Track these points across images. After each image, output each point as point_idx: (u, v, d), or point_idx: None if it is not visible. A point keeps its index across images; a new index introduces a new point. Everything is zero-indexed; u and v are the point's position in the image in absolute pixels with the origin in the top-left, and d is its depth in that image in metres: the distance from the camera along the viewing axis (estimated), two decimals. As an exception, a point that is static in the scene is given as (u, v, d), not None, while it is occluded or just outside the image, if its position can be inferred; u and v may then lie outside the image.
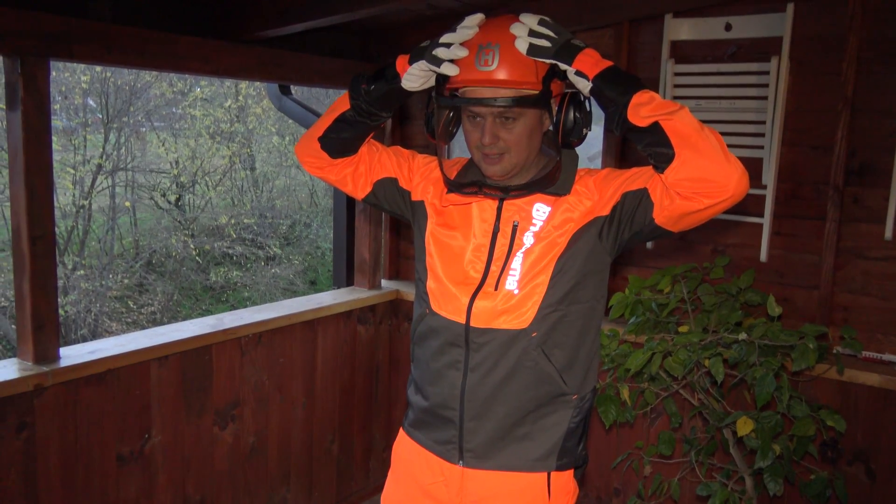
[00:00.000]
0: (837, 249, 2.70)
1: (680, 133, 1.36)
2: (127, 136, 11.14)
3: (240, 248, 11.76)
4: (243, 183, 12.99)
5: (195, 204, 12.29)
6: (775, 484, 2.28)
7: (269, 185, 13.21)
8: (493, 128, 1.50)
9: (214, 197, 12.40)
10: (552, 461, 1.61)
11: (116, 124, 10.60)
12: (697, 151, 1.35)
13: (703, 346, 2.37)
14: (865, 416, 2.62)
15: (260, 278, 11.64)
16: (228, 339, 2.90)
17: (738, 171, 1.35)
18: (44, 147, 2.32)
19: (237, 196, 12.89)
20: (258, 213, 12.43)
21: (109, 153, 10.67)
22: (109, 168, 10.71)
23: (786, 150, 2.77)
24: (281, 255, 12.14)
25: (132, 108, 10.83)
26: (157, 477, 2.71)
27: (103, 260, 10.56)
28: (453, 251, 1.62)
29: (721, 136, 1.38)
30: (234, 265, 11.85)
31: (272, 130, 12.76)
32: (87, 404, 2.47)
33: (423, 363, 1.69)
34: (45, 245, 2.35)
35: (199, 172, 12.08)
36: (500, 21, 1.49)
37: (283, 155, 13.09)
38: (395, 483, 1.79)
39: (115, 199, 10.99)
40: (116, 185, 11.03)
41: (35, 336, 2.35)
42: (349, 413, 3.54)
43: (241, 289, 11.62)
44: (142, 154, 11.81)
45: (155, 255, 11.27)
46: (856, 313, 2.70)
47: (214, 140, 11.98)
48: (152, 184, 11.70)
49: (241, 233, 11.95)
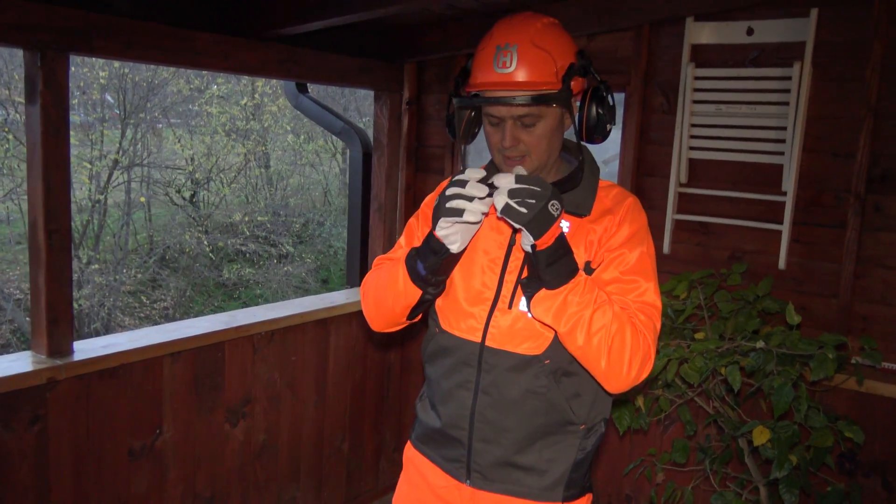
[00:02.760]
0: (858, 258, 2.66)
1: (565, 339, 1.44)
2: (143, 132, 11.22)
3: (253, 246, 11.80)
4: (258, 181, 13.05)
5: (210, 201, 12.35)
6: (791, 495, 2.25)
7: (283, 183, 13.25)
8: (513, 130, 1.48)
9: (229, 194, 12.46)
10: (559, 492, 1.59)
11: (133, 120, 10.67)
12: (577, 355, 1.46)
13: (720, 353, 2.34)
14: (883, 427, 2.58)
15: (272, 276, 11.67)
16: (241, 337, 2.90)
17: (621, 383, 1.45)
18: (61, 141, 2.32)
19: (251, 194, 12.94)
20: (272, 210, 12.47)
21: (126, 149, 10.75)
22: (125, 163, 10.78)
23: (806, 156, 2.73)
24: (294, 254, 12.18)
25: (149, 105, 10.90)
26: (167, 472, 2.71)
27: (118, 255, 10.63)
28: (467, 267, 1.59)
29: (626, 352, 1.41)
30: (246, 262, 11.90)
31: (287, 129, 12.80)
32: (100, 398, 2.47)
33: (434, 382, 1.67)
34: (61, 239, 2.35)
35: (214, 169, 12.13)
36: (517, 21, 1.47)
37: (298, 153, 13.14)
38: (408, 485, 1.78)
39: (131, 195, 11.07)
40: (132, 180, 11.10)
41: (49, 329, 2.35)
42: (360, 413, 3.53)
43: (253, 286, 11.67)
44: (158, 150, 11.87)
45: (169, 250, 11.33)
46: (875, 323, 2.66)
47: (230, 137, 12.04)
48: (167, 180, 11.77)
49: (254, 230, 12.00)
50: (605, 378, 1.45)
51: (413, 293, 1.54)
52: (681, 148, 2.92)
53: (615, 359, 1.41)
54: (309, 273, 12.02)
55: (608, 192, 1.58)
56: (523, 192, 1.33)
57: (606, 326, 1.40)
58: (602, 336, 1.40)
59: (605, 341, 1.40)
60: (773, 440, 2.23)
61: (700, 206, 2.97)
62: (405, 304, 1.57)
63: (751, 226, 2.85)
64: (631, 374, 1.43)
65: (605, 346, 1.40)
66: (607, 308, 1.41)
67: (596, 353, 1.40)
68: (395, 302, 1.59)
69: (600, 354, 1.40)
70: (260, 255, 11.89)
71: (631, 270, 1.49)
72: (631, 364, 1.42)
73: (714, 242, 2.95)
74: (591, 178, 1.57)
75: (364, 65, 3.29)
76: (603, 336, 1.40)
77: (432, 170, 3.67)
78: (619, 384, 1.45)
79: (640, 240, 1.52)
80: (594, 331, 1.39)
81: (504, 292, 1.55)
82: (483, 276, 1.57)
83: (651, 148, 3.05)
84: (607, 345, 1.40)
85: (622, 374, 1.42)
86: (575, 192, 1.55)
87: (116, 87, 10.56)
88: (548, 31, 1.46)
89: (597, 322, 1.40)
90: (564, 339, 1.43)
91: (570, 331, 1.40)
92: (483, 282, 1.57)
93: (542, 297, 1.41)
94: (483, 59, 1.47)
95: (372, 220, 3.58)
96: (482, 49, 1.49)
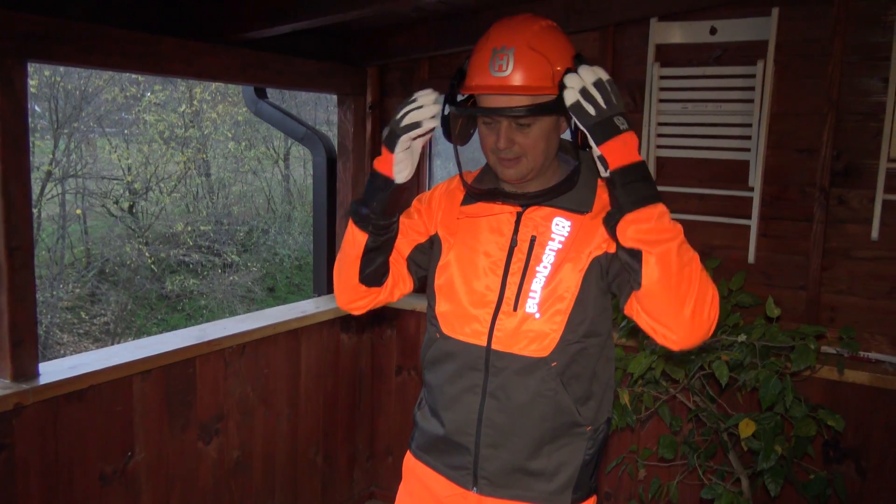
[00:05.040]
0: (824, 250, 2.74)
1: (655, 268, 1.30)
2: (77, 142, 10.82)
3: (196, 256, 11.51)
4: (198, 189, 12.73)
5: (149, 211, 12.00)
6: (776, 485, 2.30)
7: (225, 191, 12.96)
8: (508, 132, 1.46)
9: (169, 204, 12.12)
10: (567, 495, 1.58)
11: (67, 130, 10.28)
12: (663, 296, 1.31)
13: (704, 348, 2.37)
14: (856, 414, 2.65)
15: (217, 286, 11.40)
16: (212, 351, 2.80)
17: (700, 332, 1.32)
18: (21, 153, 2.20)
19: (192, 203, 12.62)
20: (214, 219, 12.19)
21: (59, 160, 10.35)
22: (59, 175, 10.38)
23: (771, 152, 2.79)
24: (238, 263, 11.92)
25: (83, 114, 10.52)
26: (140, 496, 2.60)
27: (53, 270, 10.23)
28: (469, 270, 1.57)
29: (709, 293, 1.31)
30: (190, 273, 11.59)
31: (228, 136, 12.53)
32: (69, 422, 2.35)
33: (436, 388, 1.63)
34: (24, 256, 2.23)
35: (152, 179, 11.80)
36: (515, 23, 1.45)
37: (239, 160, 12.88)
38: (410, 496, 1.74)
39: (66, 207, 10.66)
40: (66, 192, 10.70)
41: (13, 352, 2.23)
42: (333, 423, 3.46)
43: (197, 297, 11.37)
44: (93, 161, 11.48)
45: (108, 263, 10.95)
46: (843, 313, 2.74)
47: (168, 146, 11.73)
48: (104, 191, 11.39)
49: (197, 240, 11.70)
50: (688, 320, 1.31)
51: (358, 240, 1.54)
52: (648, 146, 2.95)
53: (701, 296, 1.31)
54: (255, 282, 11.78)
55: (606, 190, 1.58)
56: (592, 99, 1.30)
57: (694, 259, 1.32)
58: (692, 269, 1.30)
59: (696, 275, 1.31)
60: (759, 432, 2.27)
61: (669, 203, 2.98)
62: (355, 255, 1.56)
63: (720, 221, 2.90)
64: (711, 316, 1.33)
65: (695, 280, 1.30)
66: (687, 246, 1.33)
67: (687, 285, 1.30)
68: (347, 257, 1.58)
69: (691, 288, 1.30)
70: (203, 265, 11.60)
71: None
72: (713, 304, 1.33)
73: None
74: (590, 177, 1.57)
75: (329, 69, 3.23)
76: (694, 269, 1.31)
77: (397, 174, 3.62)
78: (699, 328, 1.33)
79: None
80: (685, 261, 1.30)
81: (508, 294, 1.53)
82: (486, 279, 1.55)
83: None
84: (698, 278, 1.30)
85: (704, 315, 1.31)
86: (575, 191, 1.54)
87: (47, 96, 10.16)
88: (545, 34, 1.45)
89: (685, 253, 1.31)
90: (657, 256, 1.29)
91: (662, 253, 1.29)
92: (486, 284, 1.55)
93: (629, 220, 1.31)
94: (479, 61, 1.45)
95: (338, 227, 3.52)
96: (478, 51, 1.47)
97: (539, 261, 1.52)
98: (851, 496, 2.66)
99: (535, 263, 1.52)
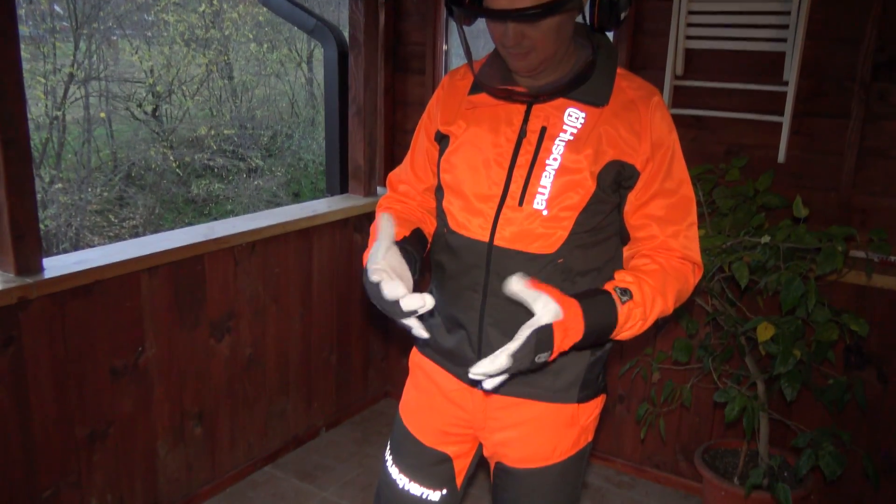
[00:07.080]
0: (860, 149, 2.58)
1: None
2: (98, 44, 10.63)
3: (221, 160, 11.45)
4: (221, 92, 12.54)
5: (173, 114, 11.88)
6: (792, 389, 2.23)
7: (248, 94, 12.75)
8: (516, 27, 1.33)
9: (192, 107, 11.98)
10: (574, 393, 1.54)
11: (86, 31, 10.09)
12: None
13: (725, 249, 2.26)
14: (882, 320, 2.56)
15: (242, 190, 11.39)
16: (221, 249, 2.76)
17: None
18: (10, 43, 2.10)
19: (216, 106, 12.45)
20: (238, 123, 12.04)
21: (80, 62, 10.20)
22: (81, 77, 10.26)
23: (810, 43, 2.60)
24: (263, 167, 11.86)
25: (102, 14, 10.30)
26: (152, 390, 2.62)
27: (81, 173, 10.26)
28: (474, 162, 1.47)
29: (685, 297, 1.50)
30: (215, 177, 11.57)
31: (249, 37, 12.22)
32: (76, 317, 2.35)
33: (440, 285, 1.58)
34: (19, 149, 2.16)
35: (175, 82, 11.62)
36: None
37: (262, 63, 12.62)
38: (417, 389, 1.71)
39: (90, 110, 10.59)
40: (90, 95, 10.60)
41: (15, 246, 2.20)
42: (347, 323, 3.45)
43: (223, 201, 11.38)
44: (115, 62, 11.29)
45: (134, 167, 10.95)
46: (875, 216, 2.60)
47: (189, 47, 11.48)
48: (127, 94, 11.25)
49: (221, 144, 11.61)
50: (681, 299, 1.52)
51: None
52: (677, 37, 2.76)
53: (685, 294, 1.50)
54: (280, 187, 11.75)
55: (629, 82, 1.45)
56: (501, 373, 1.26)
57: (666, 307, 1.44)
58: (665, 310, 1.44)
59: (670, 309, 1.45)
60: (778, 336, 2.18)
61: (696, 99, 2.84)
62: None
63: (749, 118, 2.74)
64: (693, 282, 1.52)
65: (669, 311, 1.46)
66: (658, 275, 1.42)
67: (663, 318, 1.48)
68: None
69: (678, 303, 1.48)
70: (229, 169, 11.56)
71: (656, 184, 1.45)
72: (692, 289, 1.52)
73: (709, 137, 2.84)
74: (607, 64, 1.44)
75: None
76: (667, 308, 1.44)
77: (413, 69, 3.47)
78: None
79: (673, 143, 1.45)
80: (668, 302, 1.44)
81: (513, 189, 1.44)
82: (490, 171, 1.46)
83: (646, 39, 2.89)
84: (671, 307, 1.46)
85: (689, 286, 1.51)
86: (590, 82, 1.42)
87: (66, -5, 9.94)
88: None
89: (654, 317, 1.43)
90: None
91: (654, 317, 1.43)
92: (490, 177, 1.46)
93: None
94: None
95: (351, 124, 3.39)
96: None
97: (549, 153, 1.42)
98: (871, 403, 2.59)
99: (545, 156, 1.42)
